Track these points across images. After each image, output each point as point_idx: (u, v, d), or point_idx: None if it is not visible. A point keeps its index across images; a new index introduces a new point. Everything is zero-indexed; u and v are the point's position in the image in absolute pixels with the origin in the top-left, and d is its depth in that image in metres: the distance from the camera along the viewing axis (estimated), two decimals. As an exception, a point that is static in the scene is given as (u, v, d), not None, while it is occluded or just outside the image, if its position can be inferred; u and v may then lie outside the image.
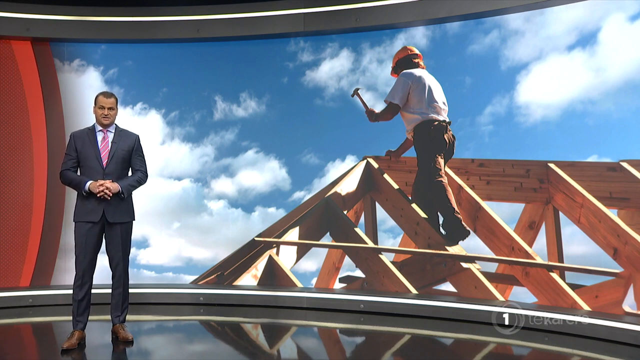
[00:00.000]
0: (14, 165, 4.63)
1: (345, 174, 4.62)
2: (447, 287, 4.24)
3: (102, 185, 3.16)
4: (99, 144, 3.28)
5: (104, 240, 3.31)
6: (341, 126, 4.67)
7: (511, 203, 4.11)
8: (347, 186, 4.60)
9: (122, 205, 3.28)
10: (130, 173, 3.40)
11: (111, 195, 3.18)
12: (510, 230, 4.05)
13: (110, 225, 3.26)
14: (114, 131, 3.35)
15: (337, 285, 4.57)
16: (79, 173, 3.30)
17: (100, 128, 3.32)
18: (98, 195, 3.16)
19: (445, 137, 4.26)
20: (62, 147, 4.66)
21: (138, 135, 3.43)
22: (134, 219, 3.40)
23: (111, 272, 3.34)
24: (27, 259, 4.60)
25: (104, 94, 3.31)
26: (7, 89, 4.63)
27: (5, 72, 4.63)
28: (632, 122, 3.63)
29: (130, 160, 3.37)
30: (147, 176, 3.43)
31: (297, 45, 4.74)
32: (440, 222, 4.29)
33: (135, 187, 3.35)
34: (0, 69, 4.62)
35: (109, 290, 3.37)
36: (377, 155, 4.56)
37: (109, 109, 3.29)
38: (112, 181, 3.22)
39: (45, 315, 4.26)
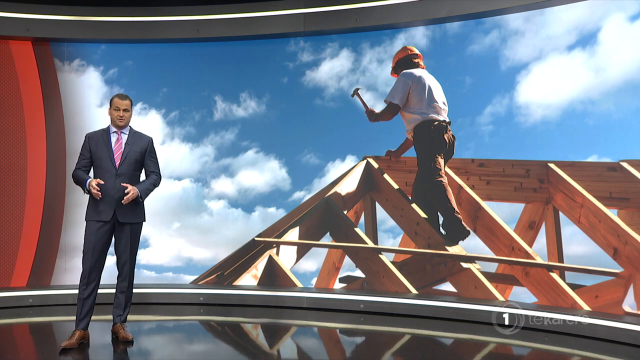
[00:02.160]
0: (12, 164, 4.62)
1: (345, 174, 4.62)
2: (447, 287, 4.24)
3: (94, 187, 3.16)
4: (113, 145, 3.31)
5: (112, 240, 3.33)
6: (341, 126, 4.67)
7: (511, 203, 4.11)
8: (347, 186, 4.60)
9: (134, 206, 3.30)
10: (143, 174, 3.43)
11: (100, 195, 3.19)
12: (510, 230, 4.05)
13: (121, 225, 3.28)
14: (127, 133, 3.38)
15: (337, 285, 4.57)
16: (91, 174, 3.33)
17: (115, 129, 3.35)
18: (93, 194, 3.18)
19: (445, 137, 4.26)
20: (62, 147, 4.67)
21: (151, 138, 3.46)
22: (145, 220, 3.42)
23: (117, 272, 3.35)
24: (24, 259, 4.59)
25: (119, 95, 3.35)
26: (3, 89, 4.62)
27: (2, 72, 4.62)
28: (632, 122, 3.63)
29: (142, 162, 3.39)
30: (161, 178, 3.47)
31: (297, 45, 4.74)
32: (440, 222, 4.29)
33: (151, 190, 3.39)
34: (11, 69, 4.62)
35: (111, 290, 3.37)
36: (377, 155, 4.56)
37: (124, 110, 3.32)
38: (125, 183, 3.24)
39: (45, 315, 4.26)
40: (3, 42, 4.62)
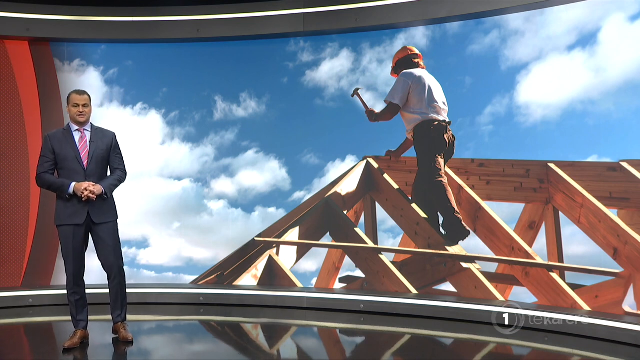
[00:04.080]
0: (9, 165, 4.62)
1: (345, 174, 4.62)
2: (447, 287, 4.24)
3: (85, 189, 3.09)
4: (77, 144, 3.20)
5: (90, 241, 3.27)
6: (341, 126, 4.67)
7: (511, 203, 4.11)
8: (347, 186, 4.60)
9: (106, 205, 3.23)
10: (109, 171, 3.34)
11: (95, 197, 3.13)
12: (510, 230, 4.05)
13: (97, 225, 3.20)
14: (90, 130, 3.28)
15: (337, 285, 4.57)
16: (56, 175, 3.23)
17: (77, 127, 3.24)
18: (83, 199, 3.10)
19: (445, 137, 4.26)
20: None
21: (114, 133, 3.37)
22: (118, 218, 3.34)
23: (106, 274, 3.29)
24: (21, 259, 4.59)
25: (76, 91, 3.25)
26: (14, 89, 4.62)
27: (16, 72, 4.63)
28: (632, 122, 3.63)
29: (108, 159, 3.30)
30: (126, 174, 3.37)
31: (297, 45, 4.74)
32: (440, 222, 4.29)
33: (116, 187, 3.30)
34: (11, 69, 4.62)
35: (107, 290, 3.35)
36: (377, 155, 4.56)
37: (84, 105, 3.21)
38: (95, 183, 3.16)
39: (45, 315, 4.26)
40: (6, 42, 4.61)
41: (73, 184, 3.12)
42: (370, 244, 4.44)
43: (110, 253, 3.24)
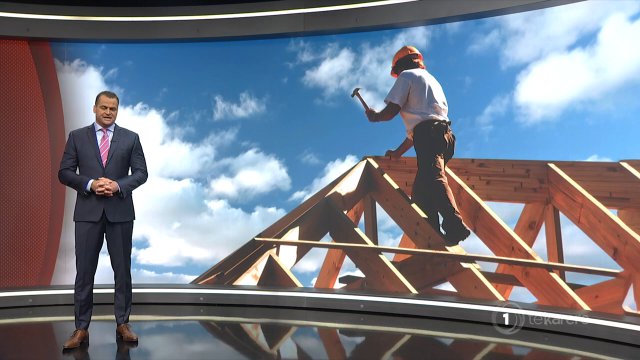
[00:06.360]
0: (22, 165, 4.63)
1: (345, 174, 4.62)
2: (447, 287, 4.24)
3: (101, 186, 3.15)
4: (99, 143, 3.26)
5: (104, 240, 3.31)
6: (341, 126, 4.67)
7: (511, 203, 4.11)
8: (347, 186, 4.60)
9: (122, 204, 3.27)
10: (130, 172, 3.38)
11: (111, 193, 3.18)
12: (510, 230, 4.05)
13: (111, 225, 3.25)
14: (113, 130, 3.33)
15: (337, 285, 4.57)
16: (78, 172, 3.28)
17: (100, 127, 3.30)
18: (97, 193, 3.16)
19: (445, 137, 4.26)
20: (62, 147, 4.66)
21: (137, 134, 3.42)
22: (135, 219, 3.39)
23: (113, 272, 3.33)
24: (35, 258, 4.60)
25: (106, 93, 3.29)
26: (13, 89, 4.63)
27: (15, 72, 4.64)
28: (632, 122, 3.63)
29: (129, 159, 3.35)
30: (147, 175, 3.41)
31: (297, 45, 4.74)
32: (440, 222, 4.29)
33: (134, 187, 3.33)
34: (11, 69, 4.63)
35: (112, 290, 3.37)
36: (377, 155, 4.56)
37: (111, 109, 3.27)
38: (111, 181, 3.21)
39: (45, 315, 4.26)
40: (19, 43, 4.62)
41: (91, 181, 3.17)
42: (370, 244, 4.45)
43: (120, 252, 3.28)
